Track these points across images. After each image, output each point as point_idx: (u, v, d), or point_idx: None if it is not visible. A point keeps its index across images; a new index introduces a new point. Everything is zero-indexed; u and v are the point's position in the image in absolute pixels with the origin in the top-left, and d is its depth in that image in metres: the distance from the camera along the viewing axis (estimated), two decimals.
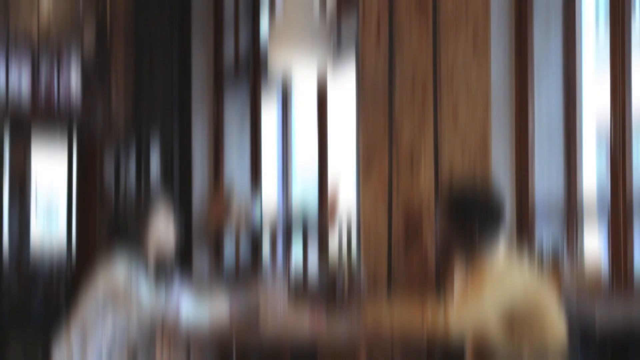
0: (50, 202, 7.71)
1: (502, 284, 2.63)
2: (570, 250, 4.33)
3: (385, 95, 5.47)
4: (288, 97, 7.03)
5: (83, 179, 8.52)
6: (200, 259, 7.39)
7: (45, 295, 7.31)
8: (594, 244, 5.29)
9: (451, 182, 4.81)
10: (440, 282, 5.02)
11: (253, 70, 7.31)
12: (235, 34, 7.38)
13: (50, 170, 7.79)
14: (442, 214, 2.86)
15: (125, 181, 7.58)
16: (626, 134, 4.46)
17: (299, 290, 6.28)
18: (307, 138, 8.88)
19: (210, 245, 7.53)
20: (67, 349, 2.96)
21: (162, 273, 3.14)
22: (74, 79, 7.53)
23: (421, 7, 5.21)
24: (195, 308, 2.90)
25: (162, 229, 3.04)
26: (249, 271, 6.32)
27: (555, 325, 2.68)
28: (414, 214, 5.26)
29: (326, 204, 6.35)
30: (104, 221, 8.33)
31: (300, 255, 6.74)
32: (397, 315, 2.62)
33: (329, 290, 2.98)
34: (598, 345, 3.22)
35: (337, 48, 6.00)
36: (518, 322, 2.63)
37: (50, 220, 7.53)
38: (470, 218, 2.76)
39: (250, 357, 2.54)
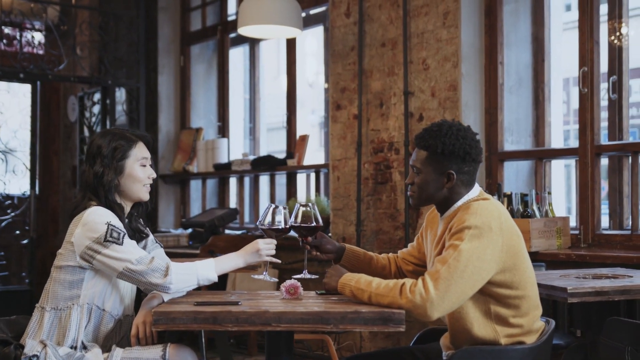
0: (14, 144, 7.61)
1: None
2: (539, 196, 4.41)
3: (355, 52, 5.49)
4: (255, 44, 7.02)
5: (47, 120, 8.43)
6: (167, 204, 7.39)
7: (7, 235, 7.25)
8: (562, 191, 5.42)
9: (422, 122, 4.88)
10: (409, 224, 5.10)
11: (221, 23, 7.26)
12: None
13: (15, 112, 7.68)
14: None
15: (89, 123, 7.51)
16: (594, 83, 4.53)
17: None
18: (273, 84, 8.88)
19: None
20: (41, 312, 2.82)
21: (136, 223, 2.99)
22: (38, 35, 7.56)
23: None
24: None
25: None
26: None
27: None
28: (383, 153, 5.30)
29: (294, 148, 6.37)
30: (67, 163, 8.26)
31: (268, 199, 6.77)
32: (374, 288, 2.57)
33: (299, 232, 2.94)
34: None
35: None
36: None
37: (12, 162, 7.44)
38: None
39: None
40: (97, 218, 2.77)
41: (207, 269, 2.82)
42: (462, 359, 2.54)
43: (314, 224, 2.89)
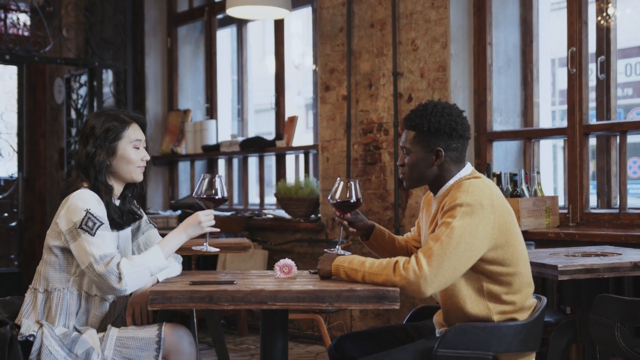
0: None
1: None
2: (528, 176, 4.44)
3: (344, 33, 5.49)
4: (242, 25, 7.00)
5: (33, 102, 8.38)
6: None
7: None
8: (549, 171, 5.46)
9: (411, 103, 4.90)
10: (399, 205, 5.13)
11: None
12: None
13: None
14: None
15: (76, 105, 7.47)
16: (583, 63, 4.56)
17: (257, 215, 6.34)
18: (262, 65, 8.87)
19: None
20: (34, 293, 2.85)
21: (128, 206, 2.99)
22: (23, 16, 7.50)
23: None
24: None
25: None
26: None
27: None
28: (372, 134, 5.32)
29: (283, 129, 6.37)
30: (54, 145, 8.23)
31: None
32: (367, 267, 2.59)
33: (339, 208, 2.90)
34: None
35: None
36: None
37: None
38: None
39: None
40: (79, 203, 2.75)
41: (157, 259, 2.79)
42: (456, 335, 2.57)
43: (353, 199, 2.87)
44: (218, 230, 2.98)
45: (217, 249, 3.04)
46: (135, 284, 2.73)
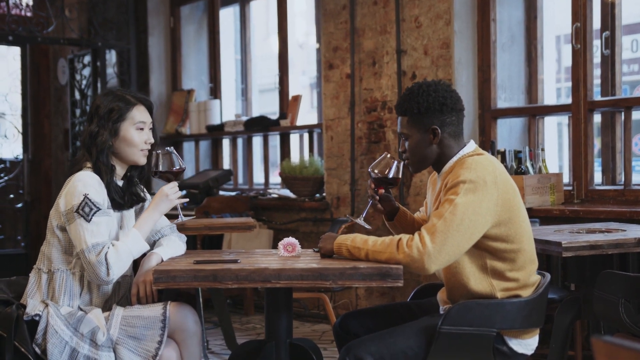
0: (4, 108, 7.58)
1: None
2: (533, 153, 4.43)
3: (347, 10, 5.46)
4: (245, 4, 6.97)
5: (37, 83, 8.37)
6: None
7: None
8: (554, 148, 5.44)
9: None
10: (403, 183, 5.13)
11: None
12: None
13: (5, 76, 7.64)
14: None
15: (80, 85, 7.46)
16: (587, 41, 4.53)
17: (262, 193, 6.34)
18: (264, 43, 8.83)
19: None
20: (38, 273, 2.84)
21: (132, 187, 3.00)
22: None
23: None
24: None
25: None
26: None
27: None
28: (376, 112, 5.31)
29: (287, 108, 6.36)
30: (59, 126, 8.23)
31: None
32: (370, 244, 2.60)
33: (378, 182, 2.88)
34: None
35: None
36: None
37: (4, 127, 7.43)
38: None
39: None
40: (79, 186, 2.76)
41: (138, 243, 2.82)
42: (460, 312, 2.57)
43: (392, 175, 2.85)
44: (187, 200, 3.02)
45: (193, 215, 3.06)
46: (121, 272, 2.78)
